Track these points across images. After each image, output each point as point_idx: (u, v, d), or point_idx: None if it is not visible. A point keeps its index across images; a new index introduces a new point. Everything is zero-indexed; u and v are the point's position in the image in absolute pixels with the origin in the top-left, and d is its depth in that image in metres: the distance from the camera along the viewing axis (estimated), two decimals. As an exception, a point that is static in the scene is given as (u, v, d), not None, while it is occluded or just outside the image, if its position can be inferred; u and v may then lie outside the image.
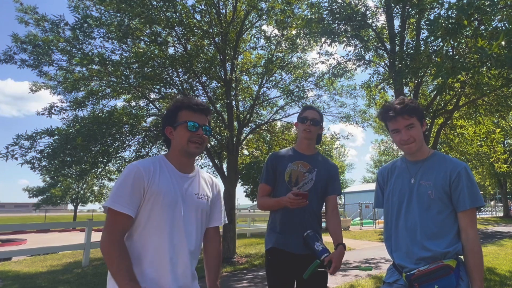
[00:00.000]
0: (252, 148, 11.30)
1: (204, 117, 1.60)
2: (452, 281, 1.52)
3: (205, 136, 1.59)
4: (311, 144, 2.30)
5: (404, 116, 1.69)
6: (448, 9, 3.89)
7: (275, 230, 2.20)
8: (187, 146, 1.54)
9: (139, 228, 1.45)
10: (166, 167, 1.54)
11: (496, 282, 5.77)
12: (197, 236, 1.56)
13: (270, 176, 2.25)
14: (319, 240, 2.00)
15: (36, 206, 30.08)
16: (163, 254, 1.43)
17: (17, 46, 7.21)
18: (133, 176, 1.42)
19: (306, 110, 2.31)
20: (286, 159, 2.25)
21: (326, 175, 2.23)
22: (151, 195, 1.44)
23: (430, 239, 1.62)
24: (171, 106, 1.64)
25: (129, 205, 1.40)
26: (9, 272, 7.49)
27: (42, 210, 34.30)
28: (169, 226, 1.45)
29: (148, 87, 8.18)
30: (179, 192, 1.52)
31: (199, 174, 1.68)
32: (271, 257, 2.17)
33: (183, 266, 1.47)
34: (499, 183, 27.77)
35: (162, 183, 1.47)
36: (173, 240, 1.45)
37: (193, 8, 8.15)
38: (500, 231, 15.74)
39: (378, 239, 12.85)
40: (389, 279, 1.75)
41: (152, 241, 1.43)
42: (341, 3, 7.66)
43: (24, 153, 7.14)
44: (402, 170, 1.80)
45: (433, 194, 1.65)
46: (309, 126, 2.23)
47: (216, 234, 1.75)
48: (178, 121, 1.56)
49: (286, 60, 9.60)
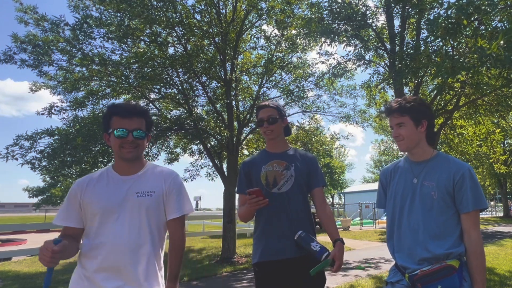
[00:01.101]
0: (252, 148, 11.30)
1: (135, 120, 1.61)
2: (455, 281, 1.51)
3: (139, 140, 1.62)
4: (280, 141, 2.15)
5: (394, 114, 1.74)
6: (447, 8, 3.89)
7: (260, 239, 2.02)
8: (119, 152, 1.61)
9: (84, 236, 1.63)
10: (108, 175, 1.66)
11: (496, 282, 5.77)
12: (141, 236, 1.57)
13: (245, 184, 2.10)
14: (314, 240, 1.89)
15: (36, 206, 30.03)
16: (94, 260, 1.55)
17: (17, 46, 7.21)
18: (68, 193, 1.64)
19: (259, 111, 2.14)
20: (259, 162, 2.10)
21: (305, 168, 2.07)
22: (85, 205, 1.60)
23: (433, 240, 1.61)
24: (104, 113, 1.69)
25: (64, 218, 1.61)
26: (9, 272, 7.50)
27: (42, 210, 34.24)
28: (101, 231, 1.56)
29: (148, 87, 8.18)
30: (116, 196, 1.59)
31: (147, 171, 1.70)
32: (259, 269, 2.00)
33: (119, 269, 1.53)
34: (499, 183, 27.76)
35: (96, 192, 1.60)
36: (104, 245, 1.55)
37: (193, 8, 8.16)
38: (500, 231, 15.74)
39: (378, 239, 12.84)
40: (391, 279, 1.74)
41: (87, 249, 1.58)
42: (341, 3, 7.66)
43: (24, 154, 7.14)
44: (405, 170, 1.80)
45: (436, 195, 1.64)
46: (267, 127, 2.07)
47: (174, 227, 1.66)
48: (110, 128, 1.61)
49: (286, 60, 9.60)
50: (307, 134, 10.42)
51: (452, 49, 6.19)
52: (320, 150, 10.77)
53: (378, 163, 45.08)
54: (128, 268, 1.52)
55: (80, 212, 1.61)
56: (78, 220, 1.62)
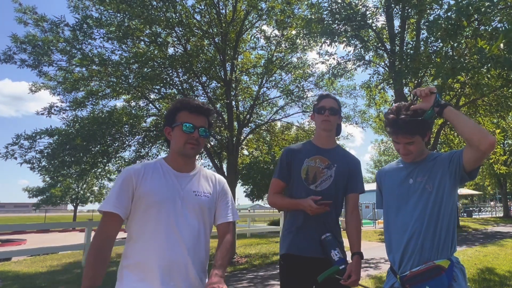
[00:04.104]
0: (252, 148, 11.31)
1: (202, 118, 1.60)
2: (444, 281, 1.53)
3: (201, 138, 1.59)
4: (331, 136, 2.08)
5: (404, 135, 1.68)
6: (447, 10, 3.89)
7: (291, 232, 2.01)
8: (183, 147, 1.56)
9: (132, 230, 1.49)
10: (162, 168, 1.57)
11: (496, 282, 5.76)
12: (198, 233, 1.55)
13: (285, 172, 2.05)
14: (337, 247, 1.87)
15: (36, 206, 30.10)
16: (153, 253, 1.43)
17: (17, 47, 7.21)
18: (122, 178, 1.48)
19: (323, 99, 2.06)
20: (303, 154, 2.04)
21: (346, 171, 2.02)
22: (141, 195, 1.47)
23: (424, 238, 1.62)
24: (171, 107, 1.65)
25: (115, 204, 1.43)
26: (9, 272, 7.49)
27: (42, 210, 34.31)
28: (160, 224, 1.46)
29: (148, 87, 8.18)
30: (174, 190, 1.52)
31: (200, 172, 1.68)
32: (284, 262, 1.99)
33: (177, 263, 1.46)
34: (499, 183, 27.76)
35: (153, 183, 1.50)
36: (168, 238, 1.45)
37: (193, 8, 8.16)
38: (500, 231, 15.73)
39: (378, 239, 12.84)
40: (386, 284, 1.77)
41: (143, 242, 1.46)
42: (341, 3, 7.67)
43: (24, 153, 7.14)
44: (400, 172, 1.81)
45: (431, 187, 1.66)
46: (328, 116, 2.00)
47: (228, 229, 1.68)
48: (176, 122, 1.57)
49: (286, 60, 9.60)
50: (307, 134, 10.42)
51: (452, 49, 6.19)
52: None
53: (377, 163, 45.01)
54: (188, 264, 1.49)
55: (130, 201, 1.47)
56: (127, 209, 1.47)
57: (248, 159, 12.03)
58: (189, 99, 1.67)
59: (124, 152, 8.83)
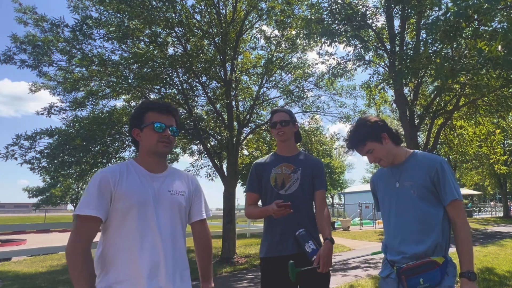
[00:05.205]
0: (252, 148, 11.31)
1: (171, 118, 1.64)
2: (437, 275, 1.63)
3: (172, 137, 1.62)
4: (290, 145, 2.31)
5: (358, 148, 1.85)
6: (444, 13, 3.88)
7: (266, 236, 2.21)
8: (155, 145, 1.58)
9: (111, 232, 1.48)
10: (135, 169, 1.58)
11: (496, 282, 5.77)
12: (177, 231, 1.57)
13: (255, 184, 2.28)
14: (311, 240, 2.00)
15: (36, 206, 30.09)
16: (134, 255, 1.44)
17: (17, 47, 7.21)
18: (98, 181, 1.46)
19: (274, 114, 2.31)
20: (270, 164, 2.27)
21: (310, 172, 2.23)
22: (119, 197, 1.46)
23: (417, 237, 1.72)
24: (138, 109, 1.67)
25: (96, 208, 1.42)
26: (9, 272, 7.50)
27: (42, 210, 34.32)
28: (140, 225, 1.46)
29: (148, 88, 8.18)
30: (150, 191, 1.53)
31: (172, 172, 1.70)
32: (264, 264, 2.17)
33: (158, 263, 1.47)
34: (499, 183, 27.73)
35: (130, 184, 1.50)
36: (146, 238, 1.46)
37: (193, 8, 8.16)
38: (500, 231, 15.74)
39: (378, 239, 12.85)
40: (382, 273, 1.87)
41: (123, 244, 1.45)
42: (341, 3, 7.67)
43: (24, 153, 7.14)
44: (388, 175, 1.92)
45: (416, 193, 1.75)
46: (280, 129, 2.24)
47: (202, 227, 1.73)
48: (145, 122, 1.59)
49: (286, 60, 9.60)
50: (307, 134, 10.42)
51: (452, 50, 6.19)
52: (320, 150, 10.78)
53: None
54: (169, 263, 1.50)
55: (109, 204, 1.46)
56: (107, 212, 1.46)
57: (248, 159, 12.03)
58: (156, 100, 1.69)
59: (124, 152, 8.83)
